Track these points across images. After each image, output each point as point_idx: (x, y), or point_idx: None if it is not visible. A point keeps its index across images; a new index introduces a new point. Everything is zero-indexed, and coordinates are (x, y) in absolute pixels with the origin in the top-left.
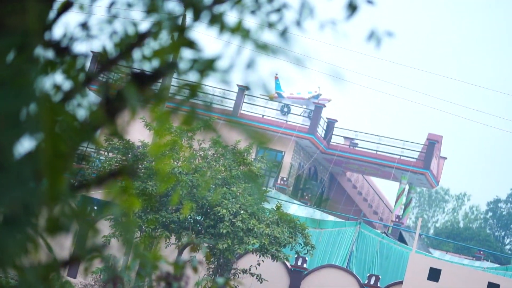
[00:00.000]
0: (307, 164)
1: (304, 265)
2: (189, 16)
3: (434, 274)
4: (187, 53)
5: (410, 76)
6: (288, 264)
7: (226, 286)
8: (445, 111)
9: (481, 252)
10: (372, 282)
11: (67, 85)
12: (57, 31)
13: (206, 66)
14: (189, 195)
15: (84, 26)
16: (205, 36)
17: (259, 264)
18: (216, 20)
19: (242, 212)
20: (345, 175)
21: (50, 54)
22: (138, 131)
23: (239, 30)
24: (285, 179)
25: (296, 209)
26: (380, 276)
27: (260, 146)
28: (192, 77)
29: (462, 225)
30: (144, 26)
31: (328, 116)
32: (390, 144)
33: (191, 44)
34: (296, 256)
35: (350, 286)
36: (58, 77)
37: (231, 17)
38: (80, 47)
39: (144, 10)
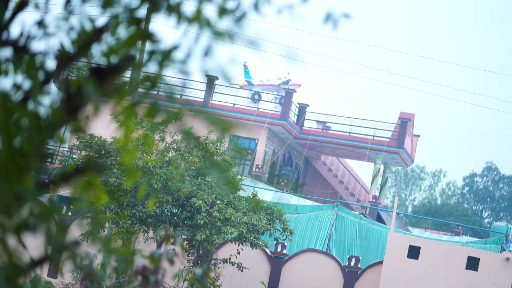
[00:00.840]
0: (281, 150)
1: (284, 251)
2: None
3: (413, 252)
4: (146, 45)
5: (377, 56)
6: (267, 251)
7: (205, 277)
8: (415, 89)
9: (460, 227)
10: (352, 263)
11: (27, 84)
12: (14, 31)
13: (164, 56)
14: (164, 188)
15: (41, 24)
16: (162, 26)
17: (238, 253)
18: (173, 10)
19: (218, 202)
20: (319, 159)
21: (7, 53)
22: (110, 128)
23: (198, 19)
24: (260, 166)
25: (272, 195)
26: (360, 257)
27: (223, 132)
28: (152, 68)
29: (439, 202)
30: (101, 21)
31: (299, 101)
32: (363, 125)
33: (149, 36)
34: (275, 242)
35: (330, 269)
36: (19, 77)
37: (188, 6)
38: (38, 45)
39: (100, 5)
